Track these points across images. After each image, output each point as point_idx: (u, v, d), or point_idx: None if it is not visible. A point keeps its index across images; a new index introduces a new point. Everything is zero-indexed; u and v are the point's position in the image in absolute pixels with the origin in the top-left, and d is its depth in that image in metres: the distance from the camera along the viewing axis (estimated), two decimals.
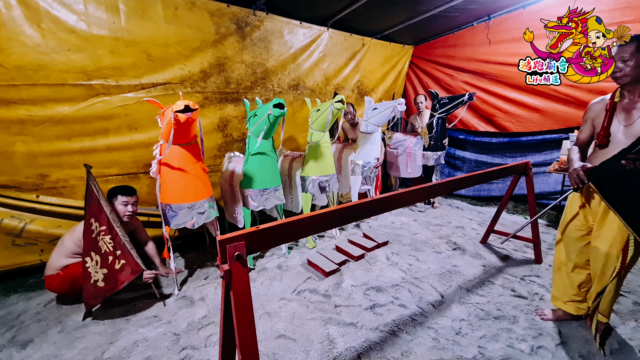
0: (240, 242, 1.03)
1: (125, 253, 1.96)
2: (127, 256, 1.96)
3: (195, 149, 2.11)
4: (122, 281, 1.91)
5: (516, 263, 2.55)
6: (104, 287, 1.91)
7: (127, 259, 1.96)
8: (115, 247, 1.95)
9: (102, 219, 1.95)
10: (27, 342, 1.78)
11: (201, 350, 1.68)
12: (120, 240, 1.97)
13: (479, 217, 3.67)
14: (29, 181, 2.34)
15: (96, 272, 1.91)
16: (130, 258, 1.96)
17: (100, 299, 1.92)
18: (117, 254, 1.94)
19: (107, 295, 1.91)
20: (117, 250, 1.95)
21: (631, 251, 1.45)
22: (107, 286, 1.91)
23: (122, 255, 1.95)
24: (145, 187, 2.77)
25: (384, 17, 3.81)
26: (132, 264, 1.96)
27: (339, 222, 1.38)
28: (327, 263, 2.52)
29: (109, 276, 1.92)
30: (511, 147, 3.99)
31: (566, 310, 1.81)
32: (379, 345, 1.69)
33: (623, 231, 1.47)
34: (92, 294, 1.91)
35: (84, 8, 2.29)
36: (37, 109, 2.27)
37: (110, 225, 1.96)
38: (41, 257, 2.44)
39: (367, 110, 3.05)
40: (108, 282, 1.91)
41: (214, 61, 2.97)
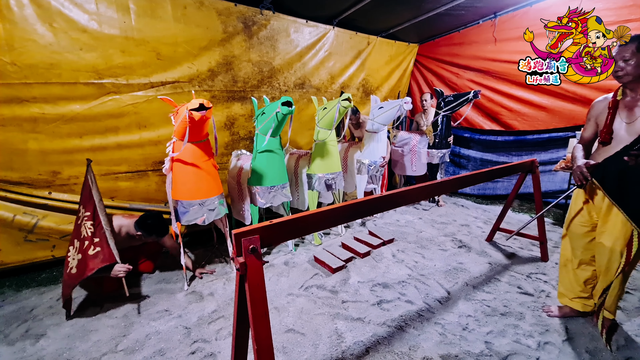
0: (255, 236, 1.06)
1: (102, 242, 1.92)
2: (104, 245, 1.91)
3: (207, 147, 2.14)
4: (92, 268, 1.84)
5: (522, 261, 2.56)
6: (75, 274, 1.85)
7: (102, 247, 1.91)
8: (94, 234, 1.92)
9: (89, 206, 1.95)
10: (40, 336, 1.82)
11: (212, 343, 1.72)
12: (101, 229, 1.93)
13: (484, 215, 3.68)
14: (41, 178, 2.38)
15: (73, 260, 1.88)
16: (106, 247, 1.91)
17: (69, 288, 1.87)
18: (95, 240, 1.90)
19: (76, 283, 1.85)
20: (95, 237, 1.91)
21: (635, 246, 1.47)
22: (77, 273, 1.85)
23: (99, 243, 1.91)
24: (154, 185, 2.81)
25: (389, 15, 3.81)
26: (106, 252, 1.90)
27: (349, 217, 1.41)
28: (334, 260, 2.54)
29: (81, 262, 1.87)
30: (517, 145, 3.98)
31: (573, 306, 1.82)
32: (386, 340, 1.71)
33: (627, 227, 1.48)
34: (66, 283, 1.88)
35: (95, 8, 2.33)
36: (49, 107, 2.31)
37: (95, 213, 1.94)
38: (53, 253, 2.49)
39: (373, 109, 3.06)
40: (79, 268, 1.86)
41: (222, 60, 3.00)
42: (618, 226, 1.51)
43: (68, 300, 1.95)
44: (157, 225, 2.11)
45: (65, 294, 1.91)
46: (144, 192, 2.78)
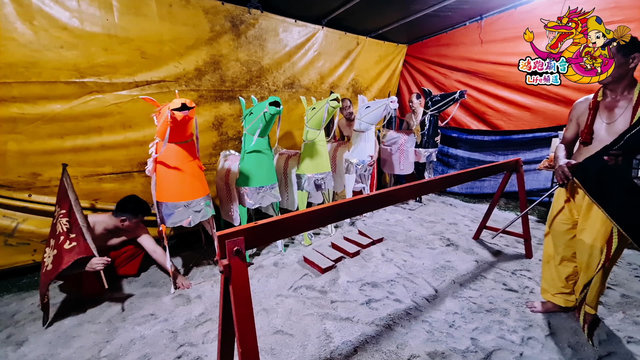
0: (239, 238, 1.05)
1: (78, 236, 1.91)
2: (80, 239, 1.90)
3: (191, 147, 2.11)
4: (67, 261, 1.82)
5: (507, 258, 2.61)
6: (50, 270, 1.83)
7: (78, 241, 1.89)
8: (70, 230, 1.90)
9: (64, 204, 1.96)
10: (22, 342, 1.76)
11: (199, 346, 1.69)
12: (78, 225, 1.93)
13: (471, 213, 3.74)
14: (21, 180, 2.31)
15: (48, 257, 1.87)
16: (83, 241, 1.90)
17: (46, 286, 1.85)
18: (71, 236, 1.89)
19: (51, 278, 1.82)
20: (71, 233, 1.90)
21: (615, 243, 1.51)
22: (53, 268, 1.83)
23: (75, 238, 1.90)
24: (139, 186, 2.76)
25: (378, 16, 3.84)
26: (83, 246, 1.89)
27: (337, 218, 1.41)
28: (323, 260, 2.54)
29: (57, 257, 1.84)
30: (503, 145, 4.06)
31: (555, 302, 1.87)
32: (374, 339, 1.72)
33: (606, 224, 1.53)
34: (42, 281, 1.86)
35: (77, 5, 2.27)
36: (29, 106, 2.24)
37: (71, 210, 1.95)
38: (34, 257, 2.41)
39: (361, 108, 3.08)
40: (55, 263, 1.84)
41: (209, 59, 2.96)
42: (598, 224, 1.56)
43: (46, 304, 1.90)
44: (138, 205, 2.19)
45: (42, 292, 1.87)
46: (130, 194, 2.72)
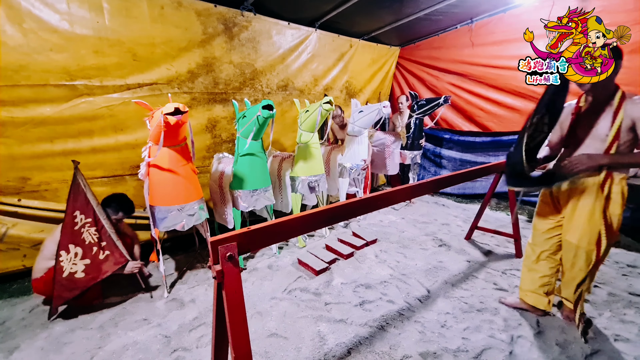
0: (232, 243, 1.05)
1: (110, 244, 2.00)
2: (112, 247, 2.01)
3: (184, 151, 2.10)
4: (105, 271, 1.94)
5: (498, 258, 2.66)
6: (84, 278, 1.91)
7: (111, 249, 2.00)
8: (101, 239, 1.98)
9: (88, 211, 1.98)
10: (13, 349, 1.74)
11: (193, 351, 1.69)
12: (106, 232, 2.00)
13: (463, 214, 3.79)
14: (10, 184, 2.27)
15: (74, 265, 1.90)
16: (115, 249, 2.00)
17: (78, 290, 1.90)
18: (102, 245, 1.98)
19: (89, 286, 1.91)
20: (102, 241, 1.98)
21: (604, 245, 1.56)
22: (87, 276, 1.91)
23: (107, 246, 2.00)
24: (132, 190, 2.73)
25: (371, 19, 3.87)
26: (117, 254, 2.00)
27: (329, 222, 1.42)
28: (317, 262, 2.56)
29: (92, 266, 1.93)
30: (494, 146, 4.12)
31: (526, 300, 1.92)
32: (368, 340, 1.74)
33: (592, 224, 1.58)
34: (67, 287, 1.88)
35: (67, 7, 2.24)
36: (18, 110, 2.21)
37: (96, 218, 1.99)
38: (24, 263, 2.38)
39: (354, 112, 3.10)
40: (90, 271, 1.92)
41: (202, 61, 2.95)
42: (583, 224, 1.60)
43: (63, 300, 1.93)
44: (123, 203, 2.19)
45: (68, 297, 1.90)
46: None
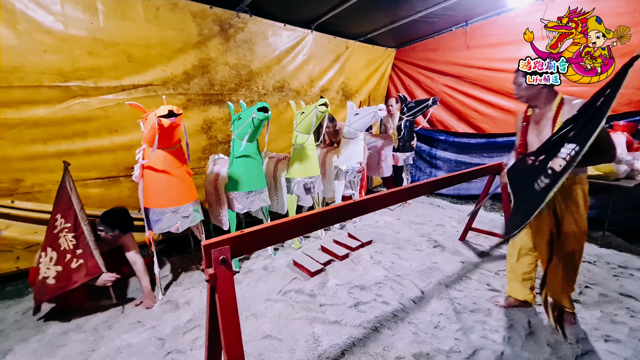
0: (225, 246, 1.06)
1: (86, 253, 1.89)
2: (87, 256, 1.89)
3: (179, 153, 2.10)
4: (75, 281, 1.83)
5: (491, 258, 2.69)
6: (54, 285, 1.83)
7: (86, 258, 1.88)
8: (77, 246, 1.88)
9: (69, 216, 1.90)
10: (6, 351, 1.73)
11: (187, 353, 1.69)
12: (84, 239, 1.90)
13: (458, 215, 3.82)
14: (3, 186, 2.26)
15: (48, 269, 1.85)
16: (90, 258, 1.89)
17: (47, 296, 1.86)
18: (77, 252, 1.87)
19: (56, 294, 1.84)
20: (77, 249, 1.88)
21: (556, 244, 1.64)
22: (57, 284, 1.83)
23: (83, 254, 1.88)
24: (127, 191, 2.73)
25: (367, 20, 3.89)
26: (90, 264, 1.88)
27: (323, 224, 1.43)
28: (313, 263, 2.56)
29: (63, 274, 1.84)
30: (488, 147, 4.16)
31: (515, 297, 1.97)
32: (362, 342, 1.75)
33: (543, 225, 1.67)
34: (40, 290, 1.85)
35: (61, 8, 2.23)
36: (11, 111, 2.20)
37: (77, 223, 1.90)
38: (17, 265, 2.37)
39: (350, 115, 3.11)
40: (60, 280, 1.84)
41: (197, 63, 2.95)
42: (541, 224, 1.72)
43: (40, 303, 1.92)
44: (121, 219, 2.06)
45: (41, 299, 1.88)
46: (116, 199, 2.69)
